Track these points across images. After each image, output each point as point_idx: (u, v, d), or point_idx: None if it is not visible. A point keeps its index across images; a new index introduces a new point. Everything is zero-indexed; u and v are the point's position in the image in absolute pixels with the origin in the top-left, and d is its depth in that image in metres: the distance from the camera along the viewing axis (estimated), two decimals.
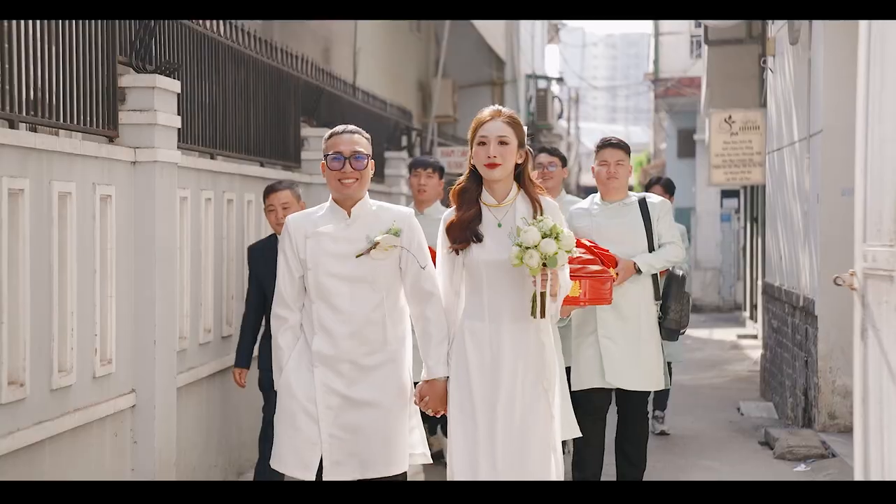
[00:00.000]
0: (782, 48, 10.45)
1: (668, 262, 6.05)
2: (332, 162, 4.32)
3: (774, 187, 11.30)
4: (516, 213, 4.34)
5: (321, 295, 4.30)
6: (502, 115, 4.37)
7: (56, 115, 4.83)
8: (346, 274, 4.30)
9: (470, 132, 4.39)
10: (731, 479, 7.41)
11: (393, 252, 4.31)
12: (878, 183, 4.06)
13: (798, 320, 9.38)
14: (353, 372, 4.30)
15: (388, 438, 4.33)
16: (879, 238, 4.03)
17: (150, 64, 5.58)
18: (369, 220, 4.35)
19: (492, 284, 4.32)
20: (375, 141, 10.69)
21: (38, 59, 4.65)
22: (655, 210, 6.07)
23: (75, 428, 4.85)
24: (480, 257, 4.31)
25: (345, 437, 4.28)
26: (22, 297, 4.43)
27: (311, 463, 4.28)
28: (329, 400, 4.28)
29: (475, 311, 4.35)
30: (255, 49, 7.40)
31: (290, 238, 4.34)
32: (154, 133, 5.46)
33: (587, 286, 5.24)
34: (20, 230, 4.43)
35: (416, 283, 4.35)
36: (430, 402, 4.37)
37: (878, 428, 3.98)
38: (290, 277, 4.35)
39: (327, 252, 4.31)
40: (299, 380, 4.30)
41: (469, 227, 4.31)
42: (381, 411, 4.31)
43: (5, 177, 4.31)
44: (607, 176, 6.03)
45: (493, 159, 4.26)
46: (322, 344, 4.30)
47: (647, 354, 5.98)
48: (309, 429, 4.27)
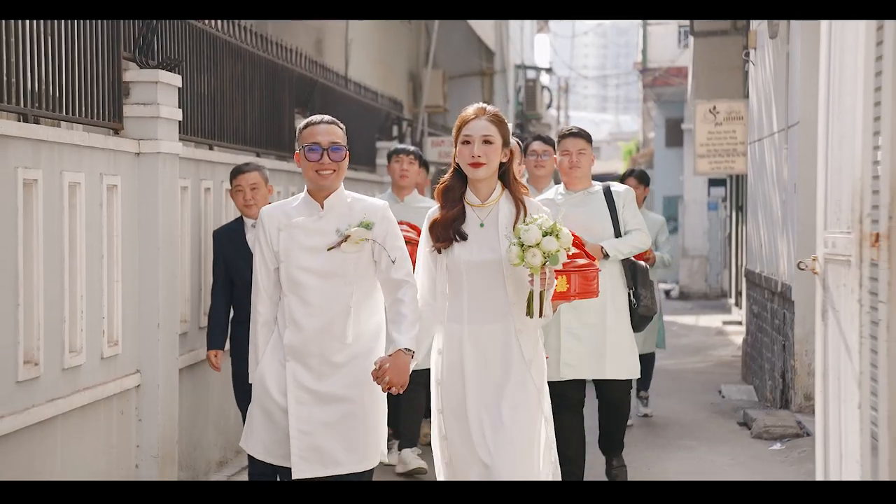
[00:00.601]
0: (763, 41, 10.74)
1: (634, 248, 6.06)
2: (310, 153, 4.25)
3: (756, 177, 11.61)
4: (500, 213, 4.29)
5: (292, 288, 4.26)
6: (487, 113, 4.31)
7: (65, 109, 5.09)
8: (318, 267, 4.25)
9: (454, 130, 4.35)
10: (709, 457, 7.72)
11: (364, 245, 4.26)
12: (837, 175, 4.35)
13: (777, 305, 9.69)
14: (323, 366, 4.25)
15: (357, 434, 4.28)
16: (839, 226, 4.32)
17: (152, 59, 5.84)
18: (342, 211, 4.30)
19: (472, 285, 4.28)
20: (367, 131, 11.07)
21: (48, 56, 4.91)
22: (620, 198, 6.10)
23: (85, 406, 5.13)
24: (461, 257, 4.27)
25: (313, 432, 4.22)
26: (36, 281, 4.71)
27: (286, 456, 4.27)
28: (299, 395, 4.23)
29: (455, 312, 4.31)
30: (252, 43, 7.66)
31: (265, 230, 4.30)
32: (157, 125, 5.74)
33: (576, 280, 5.11)
34: (34, 218, 4.71)
35: (389, 275, 4.30)
36: (390, 373, 4.13)
37: (837, 400, 4.28)
38: (265, 270, 4.31)
39: (299, 245, 4.26)
40: (272, 375, 4.26)
41: (452, 226, 4.26)
42: (350, 406, 4.26)
43: (21, 168, 4.59)
44: (570, 165, 6.05)
45: (476, 159, 4.21)
46: (292, 337, 4.25)
47: (615, 342, 5.97)
48: (283, 422, 4.24)
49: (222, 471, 6.89)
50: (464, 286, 4.29)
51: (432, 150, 14.47)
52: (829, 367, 4.37)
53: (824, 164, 4.49)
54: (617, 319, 6.00)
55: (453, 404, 4.30)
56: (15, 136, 4.55)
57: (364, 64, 14.40)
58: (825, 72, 4.54)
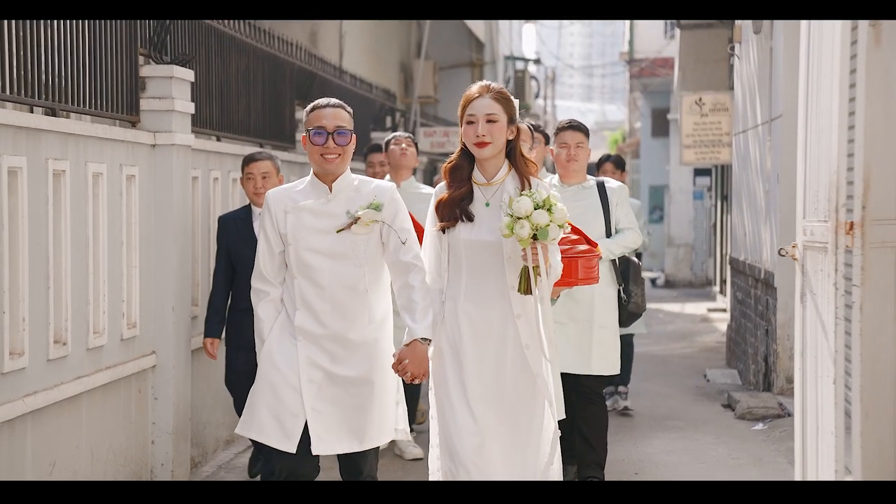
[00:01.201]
0: (747, 36, 11.06)
1: (625, 249, 6.04)
2: (315, 137, 4.24)
3: (740, 167, 11.94)
4: (505, 191, 4.25)
5: (302, 270, 4.24)
6: (491, 90, 4.24)
7: (87, 104, 5.38)
8: (327, 249, 4.24)
9: (459, 109, 4.28)
10: (694, 437, 8.05)
11: (374, 227, 4.25)
12: (815, 169, 4.67)
13: (760, 292, 10.04)
14: (338, 348, 4.25)
15: (371, 413, 4.28)
16: (816, 215, 4.64)
17: (166, 56, 6.13)
18: (350, 194, 4.29)
19: (471, 265, 4.25)
20: (362, 122, 11.34)
21: (72, 54, 5.20)
22: (614, 195, 6.06)
23: (107, 384, 5.43)
24: (461, 236, 4.24)
25: (327, 412, 4.22)
26: (64, 266, 5.00)
27: (293, 433, 4.22)
28: (312, 374, 4.22)
29: (453, 291, 4.29)
30: (256, 38, 7.95)
31: (270, 212, 4.27)
32: (171, 119, 6.03)
33: (580, 266, 5.00)
34: (62, 207, 5.00)
35: (398, 257, 4.28)
36: (410, 365, 4.21)
37: (814, 377, 4.61)
38: (269, 252, 4.29)
39: (308, 227, 4.25)
40: (282, 351, 4.25)
41: (459, 205, 4.23)
42: (365, 388, 4.27)
43: (51, 159, 4.88)
44: (567, 158, 6.01)
45: (481, 138, 4.17)
46: (305, 320, 4.24)
47: (601, 339, 5.95)
48: (292, 400, 4.21)
49: (230, 448, 7.20)
50: (463, 266, 4.26)
51: (424, 140, 14.76)
52: (807, 346, 4.69)
53: (803, 157, 4.81)
54: (605, 315, 5.98)
55: (451, 384, 4.25)
56: (46, 129, 4.84)
57: (357, 55, 14.68)
58: (804, 70, 4.85)
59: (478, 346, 4.25)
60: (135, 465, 5.78)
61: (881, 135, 4.45)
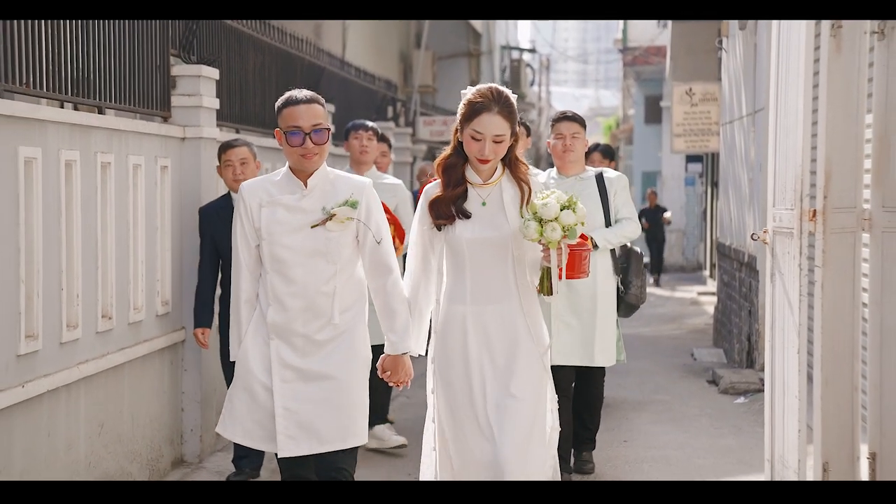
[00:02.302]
0: (733, 31, 11.61)
1: (625, 238, 6.04)
2: (291, 137, 4.10)
3: (727, 156, 12.50)
4: (503, 192, 4.21)
5: (275, 266, 4.17)
6: (499, 104, 4.13)
7: (128, 101, 5.92)
8: (301, 245, 4.15)
9: (462, 113, 4.16)
10: (680, 409, 8.62)
11: (349, 224, 4.16)
12: (783, 162, 5.22)
13: (744, 275, 10.61)
14: (307, 345, 4.18)
15: (343, 411, 4.20)
16: (784, 203, 5.20)
17: (193, 56, 6.67)
18: (326, 189, 4.19)
19: (474, 264, 4.19)
20: (365, 112, 11.87)
21: (114, 56, 5.73)
22: (612, 185, 6.08)
23: (145, 355, 5.98)
24: (463, 235, 4.17)
25: (299, 410, 4.16)
26: (110, 248, 5.56)
27: (270, 435, 4.20)
28: (284, 373, 4.17)
29: (457, 293, 4.23)
30: (269, 36, 8.48)
31: (245, 206, 4.18)
32: (199, 114, 6.56)
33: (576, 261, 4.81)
34: (108, 195, 5.55)
35: (374, 257, 4.21)
36: (392, 375, 4.25)
37: (782, 347, 5.18)
38: (246, 246, 4.21)
39: (282, 222, 4.16)
40: (255, 353, 4.20)
41: (455, 204, 4.18)
42: (335, 383, 4.19)
43: (99, 153, 5.43)
44: (563, 149, 6.01)
45: (486, 156, 4.14)
46: (276, 316, 4.17)
47: (603, 330, 5.98)
48: (267, 402, 4.17)
49: None
50: (466, 265, 4.20)
51: (424, 129, 15.28)
52: (776, 320, 5.26)
53: (773, 151, 5.37)
54: (605, 307, 6.01)
55: (455, 386, 4.22)
56: (95, 126, 5.39)
57: (359, 47, 15.19)
58: (774, 74, 5.41)
59: (487, 345, 4.20)
60: (168, 430, 6.34)
61: (840, 132, 5.00)
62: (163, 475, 6.21)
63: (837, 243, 5.04)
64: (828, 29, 4.91)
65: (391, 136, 13.03)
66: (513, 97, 4.21)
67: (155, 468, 6.12)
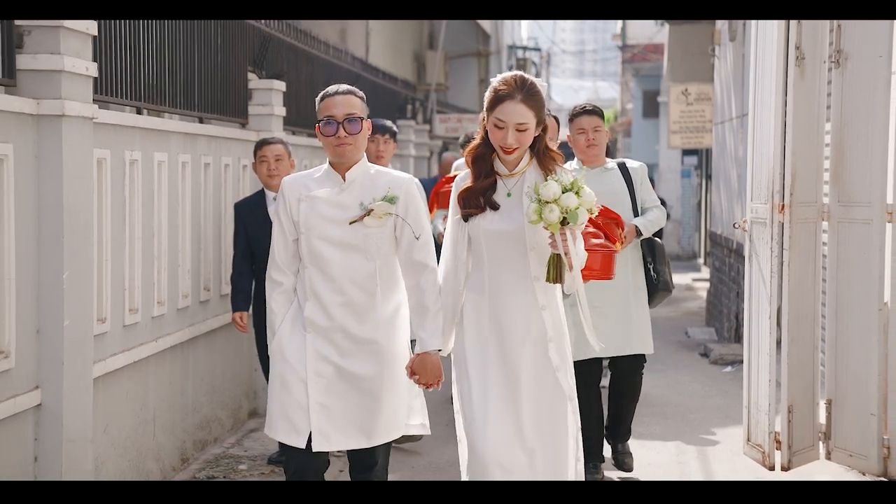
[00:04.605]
0: (724, 41, 12.80)
1: (656, 226, 6.08)
2: (325, 127, 4.11)
3: (718, 153, 13.70)
4: (525, 182, 4.11)
5: (314, 261, 4.14)
6: (522, 92, 4.01)
7: (218, 111, 7.12)
8: (339, 240, 4.12)
9: (487, 101, 4.07)
10: (674, 377, 9.81)
11: (387, 220, 4.12)
12: (759, 164, 6.41)
13: (733, 260, 11.82)
14: (346, 342, 4.15)
15: (380, 410, 4.17)
16: (760, 198, 6.37)
17: (263, 71, 7.87)
18: (365, 184, 4.16)
19: (492, 256, 4.12)
20: (388, 112, 13.04)
21: (204, 70, 6.90)
22: (637, 174, 6.12)
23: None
24: (482, 226, 4.10)
25: (334, 406, 4.13)
26: (209, 235, 6.75)
27: (301, 428, 4.13)
28: (320, 367, 4.14)
29: (477, 284, 4.17)
30: (317, 48, 9.69)
31: (285, 200, 4.17)
32: (271, 121, 7.77)
33: (596, 260, 4.84)
34: (207, 191, 6.75)
35: (410, 254, 4.17)
36: (421, 377, 4.17)
37: (756, 315, 6.36)
38: (283, 240, 4.19)
39: (321, 216, 4.13)
40: (291, 343, 4.16)
41: (485, 195, 4.11)
42: (373, 383, 4.16)
43: (202, 155, 6.64)
44: (587, 144, 6.00)
45: (510, 146, 4.04)
46: (314, 311, 4.15)
47: (638, 318, 6.01)
48: (300, 393, 4.12)
49: None
50: (484, 257, 4.14)
51: (440, 125, 16.40)
52: (752, 293, 6.44)
53: (751, 155, 6.54)
54: (638, 295, 6.05)
55: (472, 376, 4.15)
56: (199, 133, 6.60)
57: (380, 49, 16.35)
58: (752, 92, 6.53)
59: (502, 338, 4.13)
60: (245, 387, 7.52)
61: (804, 141, 6.17)
62: (242, 422, 7.41)
63: (802, 231, 6.18)
64: (794, 59, 6.09)
65: (411, 133, 14.28)
66: (541, 85, 4.09)
67: (237, 417, 7.32)
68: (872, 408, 6.05)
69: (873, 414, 6.05)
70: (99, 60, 5.09)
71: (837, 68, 6.21)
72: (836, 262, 6.29)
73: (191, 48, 6.52)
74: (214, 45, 6.94)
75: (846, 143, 6.19)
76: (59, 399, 4.67)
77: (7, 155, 4.39)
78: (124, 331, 5.59)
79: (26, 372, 4.60)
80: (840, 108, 6.22)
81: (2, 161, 4.37)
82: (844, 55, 6.17)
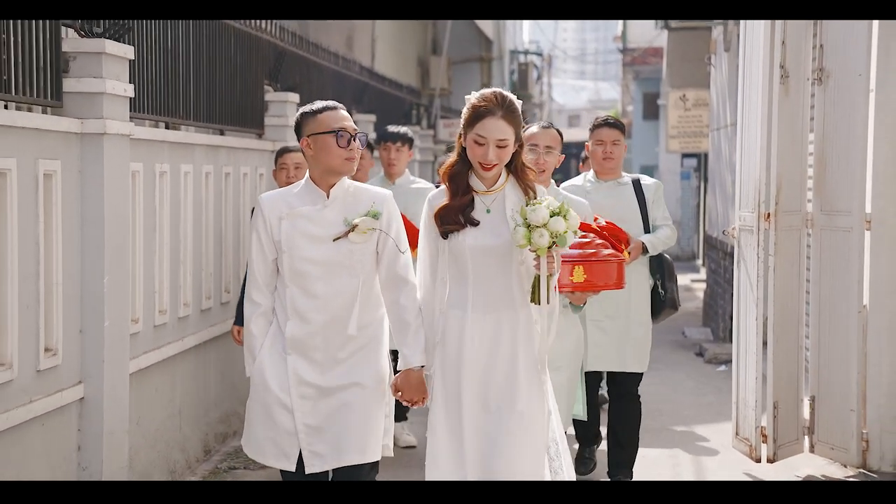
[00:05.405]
0: (720, 51, 13.22)
1: (665, 245, 6.03)
2: (341, 138, 4.05)
3: (714, 158, 14.11)
4: (506, 199, 4.07)
5: (295, 279, 4.09)
6: (503, 109, 3.97)
7: (238, 123, 7.54)
8: (322, 258, 4.09)
9: (466, 118, 4.03)
10: (670, 375, 10.20)
11: (371, 235, 4.11)
12: (747, 175, 6.81)
13: (727, 263, 12.21)
14: (327, 360, 4.12)
15: (363, 425, 4.15)
16: (747, 207, 6.78)
17: (278, 84, 8.29)
18: (347, 200, 4.14)
19: (477, 272, 4.06)
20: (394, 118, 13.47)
21: (224, 85, 7.31)
22: (650, 191, 6.06)
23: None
24: (466, 242, 4.04)
25: (320, 427, 4.12)
26: (230, 241, 7.17)
27: (291, 453, 4.14)
28: (302, 390, 4.11)
29: (459, 300, 4.08)
30: (329, 60, 10.11)
31: (264, 218, 4.12)
32: (286, 132, 8.18)
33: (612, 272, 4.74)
34: (227, 199, 7.17)
35: (392, 269, 4.14)
36: (404, 394, 4.12)
37: (744, 315, 6.77)
38: (262, 259, 4.15)
39: (303, 234, 4.09)
40: (273, 369, 4.12)
41: (463, 212, 4.04)
42: (355, 397, 4.13)
43: (223, 165, 7.06)
44: (603, 156, 5.99)
45: (489, 161, 3.98)
46: (296, 330, 4.10)
47: (637, 335, 5.96)
48: (286, 420, 4.11)
49: None
50: (468, 273, 4.07)
51: (444, 130, 16.80)
52: (741, 295, 6.85)
53: (739, 167, 6.96)
54: (641, 312, 6.00)
55: (446, 396, 4.08)
56: (220, 145, 7.02)
57: (385, 55, 16.75)
58: (740, 106, 6.95)
59: (486, 354, 4.06)
60: None
61: (788, 154, 6.58)
62: None
63: (786, 238, 6.59)
64: (778, 77, 6.51)
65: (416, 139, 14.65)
66: (517, 102, 4.09)
67: None
68: (852, 404, 6.48)
69: (853, 410, 6.47)
70: (132, 81, 5.51)
71: (820, 85, 6.63)
72: (818, 267, 6.70)
73: (212, 65, 6.93)
74: (234, 61, 7.36)
75: (828, 155, 6.60)
76: (100, 393, 5.10)
77: (55, 170, 4.82)
78: (154, 331, 6.02)
79: (71, 368, 5.03)
80: (822, 122, 6.64)
81: (51, 176, 4.80)
82: (826, 73, 6.59)
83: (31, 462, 4.70)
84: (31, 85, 4.70)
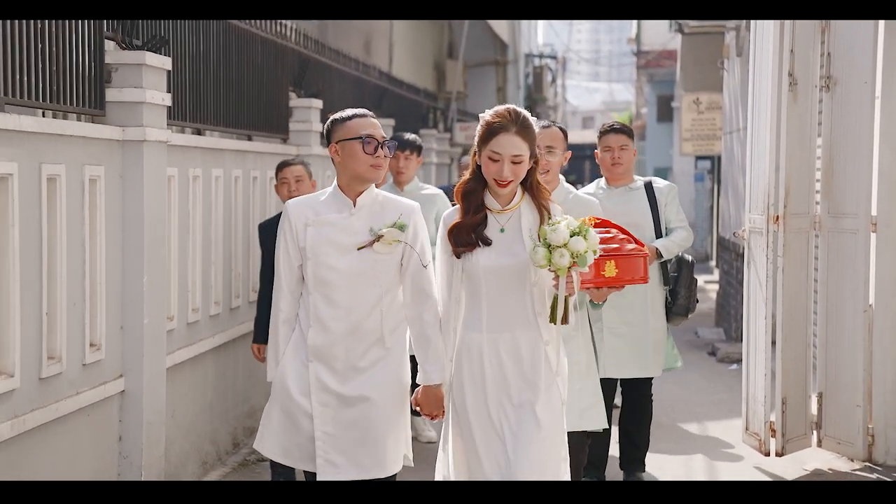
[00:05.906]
0: (732, 54, 13.44)
1: (681, 248, 6.03)
2: (367, 145, 4.02)
3: (727, 161, 14.32)
4: (522, 218, 4.04)
5: (319, 287, 4.08)
6: (517, 125, 3.94)
7: (266, 129, 7.80)
8: (346, 267, 4.06)
9: (480, 134, 4.00)
10: (683, 374, 10.33)
11: (396, 247, 4.08)
12: (756, 178, 7.03)
13: (739, 264, 12.42)
14: (348, 369, 4.10)
15: (382, 437, 4.12)
16: (757, 210, 7.00)
17: (303, 90, 8.56)
18: (374, 210, 4.11)
19: (491, 292, 4.02)
20: (412, 120, 13.73)
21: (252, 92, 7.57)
22: (662, 194, 6.06)
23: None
24: (480, 262, 4.00)
25: (339, 435, 4.10)
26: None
27: (315, 456, 4.14)
28: (323, 397, 4.09)
29: (473, 321, 4.05)
30: (351, 66, 10.37)
31: (291, 225, 4.10)
32: (311, 137, 8.45)
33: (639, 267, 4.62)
34: (255, 203, 7.44)
35: (416, 283, 4.12)
36: (424, 409, 4.15)
37: (754, 315, 7.00)
38: (288, 266, 4.13)
39: (328, 242, 4.06)
40: (294, 375, 4.11)
41: (475, 231, 4.01)
42: (375, 408, 4.11)
43: (251, 170, 7.33)
44: (612, 162, 6.00)
45: (504, 177, 3.95)
46: (318, 337, 4.08)
47: (653, 341, 5.99)
48: (306, 426, 4.11)
49: None
50: (482, 293, 4.03)
51: (460, 133, 17.04)
52: (751, 295, 7.08)
53: (749, 170, 7.19)
54: (656, 317, 6.05)
55: (472, 415, 4.05)
56: (248, 150, 7.29)
57: (402, 59, 17.00)
58: (751, 112, 7.15)
59: (502, 374, 4.04)
60: None
61: (797, 158, 6.80)
62: None
63: (795, 240, 6.80)
64: (787, 84, 6.73)
65: (433, 142, 14.93)
66: (532, 119, 4.04)
67: None
68: (858, 400, 6.70)
69: (859, 405, 6.69)
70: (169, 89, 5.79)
71: (827, 92, 6.85)
72: (826, 268, 6.91)
73: (240, 73, 7.20)
74: (260, 69, 7.63)
75: (835, 160, 6.82)
76: (140, 386, 5.38)
77: (99, 176, 5.10)
78: (188, 328, 6.30)
79: (113, 362, 5.31)
80: (830, 128, 6.86)
81: (95, 181, 5.08)
82: (833, 80, 6.81)
83: (79, 452, 5.00)
84: (76, 95, 4.98)
